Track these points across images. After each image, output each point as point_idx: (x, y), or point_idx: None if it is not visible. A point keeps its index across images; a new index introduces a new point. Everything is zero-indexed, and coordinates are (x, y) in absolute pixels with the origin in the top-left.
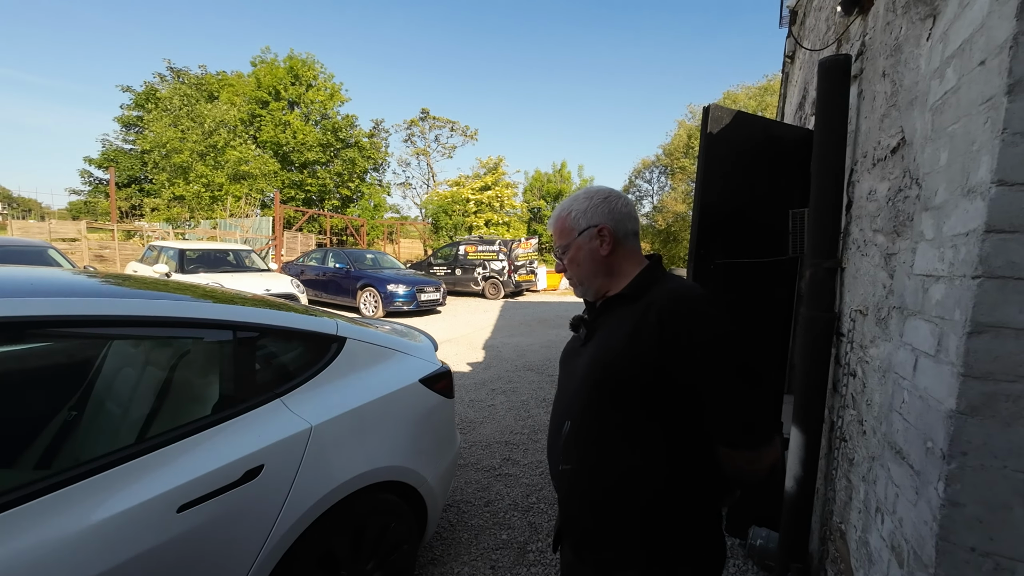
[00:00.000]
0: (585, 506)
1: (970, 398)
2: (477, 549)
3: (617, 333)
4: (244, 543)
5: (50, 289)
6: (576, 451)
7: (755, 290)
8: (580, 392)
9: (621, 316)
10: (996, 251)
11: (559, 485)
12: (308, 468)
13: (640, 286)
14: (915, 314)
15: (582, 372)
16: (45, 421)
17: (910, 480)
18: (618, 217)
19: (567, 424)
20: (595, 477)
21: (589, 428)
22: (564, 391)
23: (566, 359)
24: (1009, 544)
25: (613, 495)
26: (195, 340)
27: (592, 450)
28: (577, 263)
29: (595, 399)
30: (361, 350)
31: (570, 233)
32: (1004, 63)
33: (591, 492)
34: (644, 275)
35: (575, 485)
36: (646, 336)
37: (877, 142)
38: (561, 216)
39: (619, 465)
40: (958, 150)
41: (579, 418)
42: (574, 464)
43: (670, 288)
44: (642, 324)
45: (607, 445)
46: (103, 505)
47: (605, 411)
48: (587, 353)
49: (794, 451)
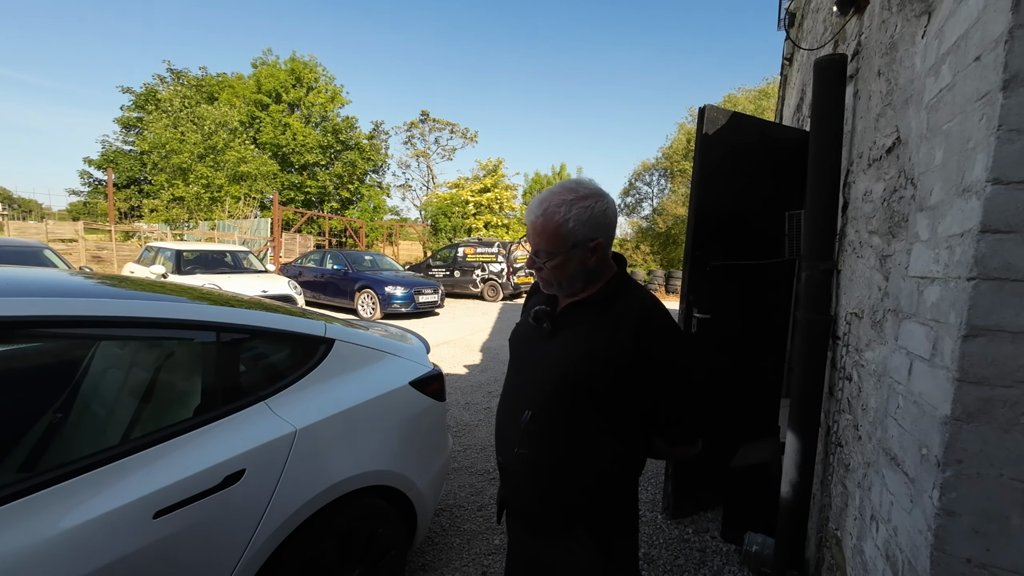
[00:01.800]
0: (539, 488)
1: (966, 404)
2: (469, 554)
3: (592, 338)
4: (223, 549)
5: (29, 289)
6: (534, 438)
7: (752, 292)
8: (544, 385)
9: (593, 322)
10: (992, 252)
11: (510, 466)
12: (292, 472)
13: (610, 294)
14: (910, 317)
15: (548, 367)
16: (16, 424)
17: (905, 488)
18: (611, 228)
19: (527, 413)
20: (550, 464)
21: (553, 419)
22: (522, 379)
23: (522, 344)
24: (1006, 555)
25: (566, 481)
26: (176, 341)
27: (549, 438)
28: (562, 271)
29: (564, 395)
30: (350, 352)
31: (563, 243)
32: (1000, 58)
33: (545, 476)
34: (614, 282)
35: (531, 469)
36: (621, 347)
37: (873, 142)
38: (556, 220)
39: (573, 455)
40: (953, 148)
41: (543, 409)
42: (532, 450)
43: (641, 301)
44: (617, 335)
45: (564, 437)
46: (73, 511)
47: (569, 406)
48: (554, 350)
49: (790, 456)
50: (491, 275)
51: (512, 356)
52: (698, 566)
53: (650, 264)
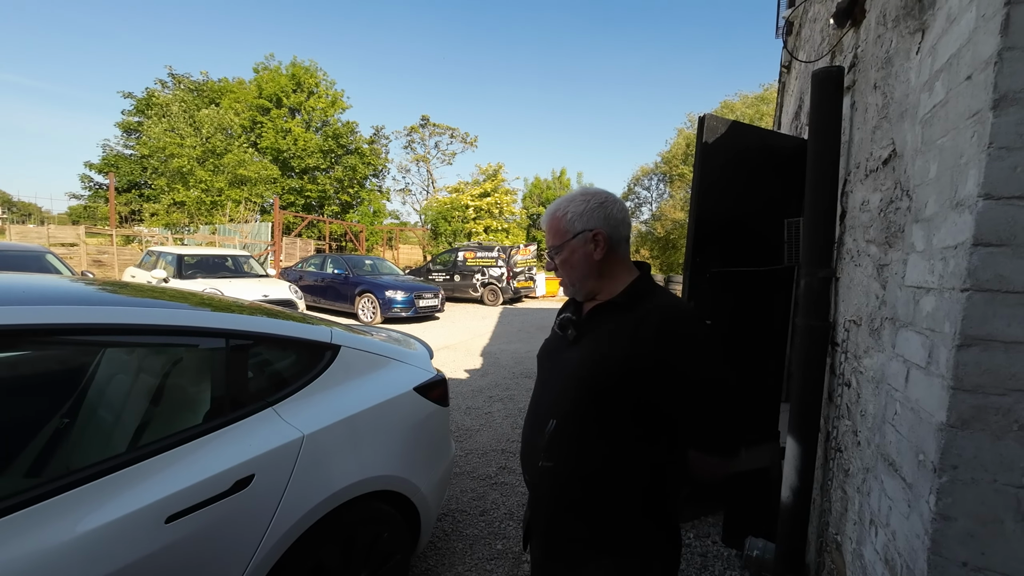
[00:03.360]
0: (563, 502)
1: (960, 411)
2: (471, 559)
3: (613, 340)
4: (233, 554)
5: (38, 297)
6: (560, 449)
7: (752, 298)
8: (568, 392)
9: (615, 324)
10: (984, 264)
11: (536, 483)
12: (299, 478)
13: (633, 296)
14: (907, 325)
15: (571, 373)
16: (34, 429)
17: (903, 493)
18: (613, 223)
19: (552, 423)
20: (576, 473)
21: (575, 426)
22: (547, 389)
23: (547, 356)
24: (1001, 559)
25: (592, 491)
26: (187, 348)
27: (575, 448)
28: (571, 265)
29: (585, 400)
30: (355, 358)
31: (564, 235)
32: (990, 78)
33: (570, 488)
34: (637, 285)
35: (555, 482)
36: (643, 349)
37: (869, 153)
38: (556, 216)
39: (600, 462)
40: (947, 163)
41: (566, 417)
42: (556, 462)
43: (666, 305)
44: (639, 337)
45: (590, 443)
46: (89, 516)
47: (592, 412)
48: (576, 355)
49: (790, 461)
50: (491, 279)
51: (539, 371)
52: (699, 571)
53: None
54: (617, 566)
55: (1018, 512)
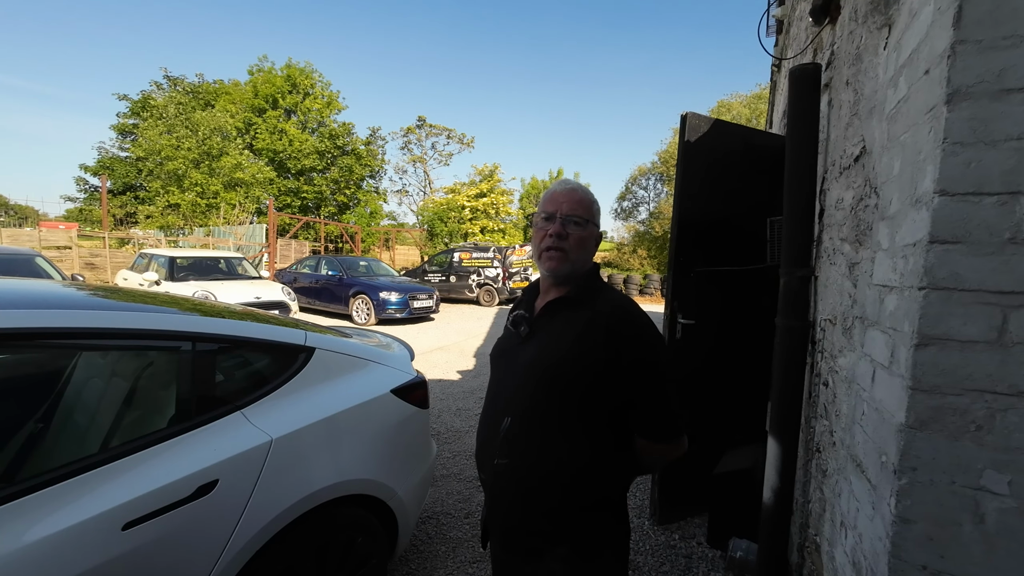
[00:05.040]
0: (518, 498)
1: (919, 412)
2: (454, 562)
3: (564, 337)
4: (194, 561)
5: (9, 301)
6: (515, 446)
7: (737, 297)
8: (524, 388)
9: (566, 320)
10: (940, 262)
11: (491, 481)
12: (267, 482)
13: (584, 292)
14: (873, 325)
15: (524, 370)
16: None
17: (868, 495)
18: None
19: (507, 420)
20: (531, 469)
21: (531, 423)
22: (502, 388)
23: (501, 355)
24: (959, 562)
25: (547, 485)
26: (151, 351)
27: (531, 444)
28: (583, 244)
29: (540, 397)
30: (331, 360)
31: (594, 216)
32: (944, 72)
33: (526, 483)
34: (588, 282)
35: (511, 479)
36: (593, 345)
37: (843, 151)
38: (588, 199)
39: (554, 457)
40: (908, 160)
41: (523, 413)
42: (512, 459)
43: (615, 303)
44: (589, 333)
45: (545, 439)
46: (39, 524)
47: (546, 408)
48: (529, 352)
49: (771, 462)
50: (487, 280)
51: (493, 370)
52: (683, 572)
53: (647, 268)
54: (572, 554)
55: (976, 515)
